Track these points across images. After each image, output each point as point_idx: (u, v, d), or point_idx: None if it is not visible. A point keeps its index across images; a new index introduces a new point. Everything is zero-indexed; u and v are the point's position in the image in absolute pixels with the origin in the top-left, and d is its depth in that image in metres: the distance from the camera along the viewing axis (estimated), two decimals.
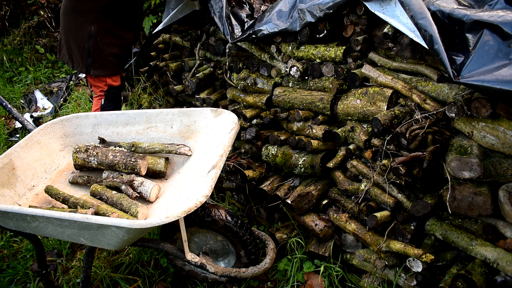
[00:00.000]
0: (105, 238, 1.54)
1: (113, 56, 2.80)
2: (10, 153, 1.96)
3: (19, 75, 5.17)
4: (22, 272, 2.41)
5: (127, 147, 2.10)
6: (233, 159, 2.55)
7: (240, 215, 2.63)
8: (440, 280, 1.80)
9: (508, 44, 1.43)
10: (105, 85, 2.87)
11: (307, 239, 2.30)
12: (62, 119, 2.24)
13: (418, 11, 1.59)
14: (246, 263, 2.01)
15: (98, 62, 2.76)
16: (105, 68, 2.81)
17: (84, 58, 2.75)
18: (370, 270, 2.07)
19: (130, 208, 1.79)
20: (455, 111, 1.62)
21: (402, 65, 1.88)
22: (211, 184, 1.58)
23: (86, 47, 2.71)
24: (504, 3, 1.66)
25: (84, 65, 2.77)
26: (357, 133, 1.99)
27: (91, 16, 2.64)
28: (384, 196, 1.90)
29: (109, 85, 2.87)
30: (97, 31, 2.67)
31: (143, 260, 2.39)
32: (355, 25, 2.01)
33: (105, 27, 2.68)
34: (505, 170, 1.56)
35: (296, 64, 2.22)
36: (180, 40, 3.16)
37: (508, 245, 1.61)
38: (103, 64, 2.78)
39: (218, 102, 2.84)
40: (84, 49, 2.72)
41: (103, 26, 2.67)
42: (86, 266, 1.88)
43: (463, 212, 1.69)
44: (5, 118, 4.27)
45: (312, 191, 2.20)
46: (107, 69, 2.82)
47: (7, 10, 5.41)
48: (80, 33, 2.69)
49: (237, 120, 2.00)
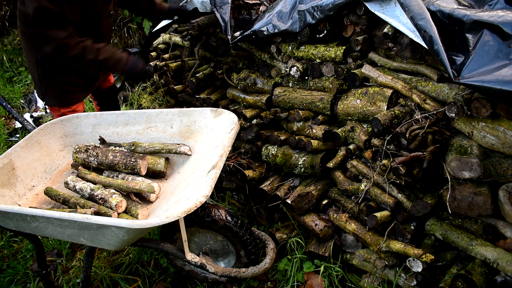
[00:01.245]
0: (105, 238, 1.54)
1: (68, 84, 2.40)
2: (10, 153, 1.95)
3: (19, 75, 5.16)
4: (22, 272, 2.41)
5: (127, 147, 2.10)
6: (233, 159, 2.55)
7: (240, 215, 2.63)
8: (440, 280, 1.80)
9: (508, 44, 1.43)
10: (59, 115, 2.46)
11: (307, 239, 2.30)
12: (62, 119, 2.24)
13: (417, 12, 1.59)
14: (246, 263, 2.01)
15: (51, 91, 2.41)
16: (59, 98, 2.44)
17: (37, 86, 2.42)
18: (370, 270, 2.07)
19: (130, 208, 1.79)
20: (455, 111, 1.62)
21: (402, 65, 1.88)
22: (211, 184, 1.58)
23: (36, 75, 2.36)
24: (504, 3, 1.66)
25: (40, 93, 2.44)
26: (357, 133, 1.99)
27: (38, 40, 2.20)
28: (384, 196, 1.90)
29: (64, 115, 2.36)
30: (44, 57, 2.26)
31: (143, 260, 2.39)
32: (355, 25, 2.01)
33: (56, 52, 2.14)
34: (505, 170, 1.56)
35: (296, 64, 2.22)
36: (180, 40, 3.16)
37: (508, 245, 1.61)
38: (56, 94, 2.42)
39: (218, 102, 2.84)
40: (35, 76, 2.38)
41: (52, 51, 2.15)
42: (86, 266, 1.88)
43: (463, 212, 1.69)
44: (5, 118, 4.27)
45: (312, 191, 2.20)
46: (61, 99, 2.45)
47: (7, 10, 5.41)
48: (30, 59, 2.34)
49: (237, 120, 2.00)
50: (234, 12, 2.46)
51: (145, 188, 1.81)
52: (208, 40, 2.89)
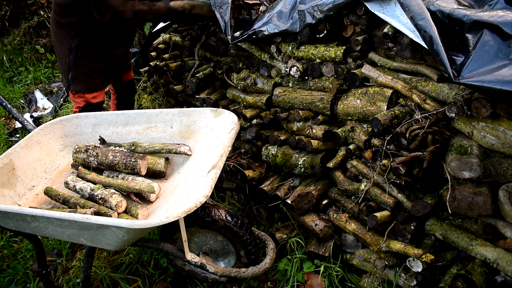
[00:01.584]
0: (105, 238, 1.54)
1: (95, 71, 2.66)
2: (10, 153, 1.96)
3: (19, 75, 5.17)
4: (22, 272, 2.41)
5: (127, 147, 2.10)
6: (233, 159, 2.55)
7: (240, 215, 2.63)
8: (440, 280, 1.80)
9: (508, 44, 1.43)
10: (83, 101, 2.71)
11: (307, 239, 2.30)
12: (62, 119, 2.24)
13: (417, 12, 1.59)
14: (246, 263, 2.01)
15: (79, 77, 2.63)
16: (85, 83, 2.66)
17: (65, 72, 2.63)
18: (370, 270, 2.07)
19: (130, 208, 1.79)
20: (455, 111, 1.62)
21: (402, 65, 1.88)
22: (211, 184, 1.58)
23: (67, 61, 2.58)
24: (504, 3, 1.66)
25: (66, 80, 2.65)
26: (357, 133, 1.99)
27: (73, 30, 2.50)
28: (384, 196, 1.90)
29: (87, 101, 2.71)
30: (78, 45, 2.53)
31: (143, 260, 2.39)
32: (355, 25, 2.01)
33: (88, 41, 2.54)
34: (505, 170, 1.56)
35: (296, 64, 2.22)
36: (180, 40, 3.16)
37: (508, 245, 1.61)
38: (83, 79, 2.64)
39: (218, 102, 2.84)
40: (65, 63, 2.60)
41: (85, 40, 2.53)
42: (86, 266, 1.88)
43: (463, 212, 1.69)
44: (5, 118, 4.27)
45: (312, 191, 2.20)
46: (88, 85, 2.67)
47: (7, 10, 5.41)
48: (62, 47, 2.58)
49: (237, 120, 2.00)
50: (234, 12, 2.45)
51: (145, 188, 1.81)
52: (208, 40, 2.89)
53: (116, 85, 3.12)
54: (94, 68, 2.64)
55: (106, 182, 1.90)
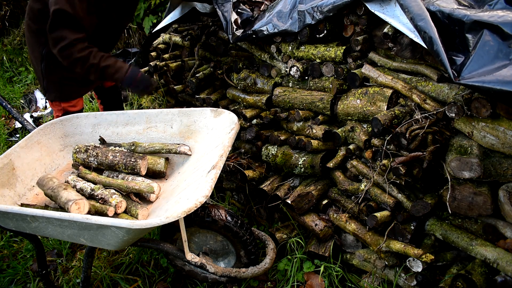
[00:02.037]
0: (105, 238, 1.54)
1: (69, 79, 2.50)
2: (10, 153, 1.96)
3: (19, 75, 5.17)
4: (22, 272, 2.41)
5: (127, 147, 2.10)
6: (233, 159, 2.55)
7: (240, 215, 2.63)
8: (440, 280, 1.80)
9: (508, 44, 1.43)
10: (60, 110, 2.59)
11: (307, 239, 2.30)
12: (62, 119, 2.24)
13: (417, 13, 1.59)
14: (246, 263, 2.01)
15: (53, 85, 2.50)
16: (59, 92, 2.53)
17: (40, 80, 2.52)
18: (370, 270, 2.07)
19: (130, 208, 1.79)
20: (455, 111, 1.62)
21: (402, 65, 1.88)
22: (211, 184, 1.58)
23: (40, 69, 2.46)
24: (504, 3, 1.66)
25: (42, 87, 2.55)
26: (357, 133, 1.99)
27: (44, 36, 2.30)
28: (384, 196, 1.90)
29: (65, 110, 2.58)
30: (49, 52, 2.32)
31: (143, 260, 2.39)
32: (355, 25, 2.01)
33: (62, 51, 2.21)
34: (505, 170, 1.56)
35: (296, 64, 2.22)
36: (180, 40, 3.16)
37: (508, 245, 1.61)
38: (57, 88, 2.51)
39: (218, 102, 2.84)
40: (39, 70, 2.48)
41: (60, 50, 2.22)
42: (86, 266, 1.88)
43: (463, 212, 1.69)
44: (5, 118, 4.27)
45: (312, 191, 2.20)
46: (62, 94, 2.54)
47: (7, 10, 5.41)
48: (35, 53, 2.45)
49: (237, 120, 2.00)
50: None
51: (145, 188, 1.81)
52: (208, 40, 2.89)
53: (99, 91, 3.01)
54: (67, 76, 2.48)
55: (106, 182, 1.90)
